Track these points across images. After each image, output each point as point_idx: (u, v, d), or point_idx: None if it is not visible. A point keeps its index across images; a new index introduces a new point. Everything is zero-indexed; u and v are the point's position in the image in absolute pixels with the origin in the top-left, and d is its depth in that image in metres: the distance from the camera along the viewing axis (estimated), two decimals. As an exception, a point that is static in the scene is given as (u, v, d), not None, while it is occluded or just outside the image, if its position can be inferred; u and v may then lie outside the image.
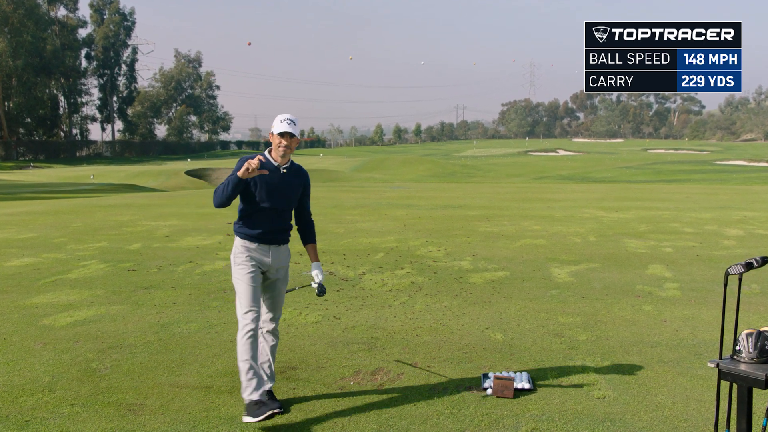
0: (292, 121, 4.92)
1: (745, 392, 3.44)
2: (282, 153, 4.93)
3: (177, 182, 54.08)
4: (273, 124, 4.95)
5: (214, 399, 5.27)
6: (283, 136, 4.90)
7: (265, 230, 5.00)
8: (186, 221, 17.73)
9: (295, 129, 4.91)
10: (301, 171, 5.16)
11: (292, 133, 4.90)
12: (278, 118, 4.94)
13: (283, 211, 5.06)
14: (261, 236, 5.00)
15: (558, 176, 61.56)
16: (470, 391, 5.45)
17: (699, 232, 15.20)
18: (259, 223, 4.99)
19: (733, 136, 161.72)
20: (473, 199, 26.22)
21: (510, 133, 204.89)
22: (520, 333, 7.10)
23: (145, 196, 31.23)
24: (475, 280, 9.82)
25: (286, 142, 4.90)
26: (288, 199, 5.06)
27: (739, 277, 3.53)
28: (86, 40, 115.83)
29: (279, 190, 4.98)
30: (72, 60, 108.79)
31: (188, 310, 8.11)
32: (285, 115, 4.94)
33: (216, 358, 6.29)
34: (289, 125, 4.89)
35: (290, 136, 4.91)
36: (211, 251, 12.47)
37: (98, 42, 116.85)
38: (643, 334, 7.08)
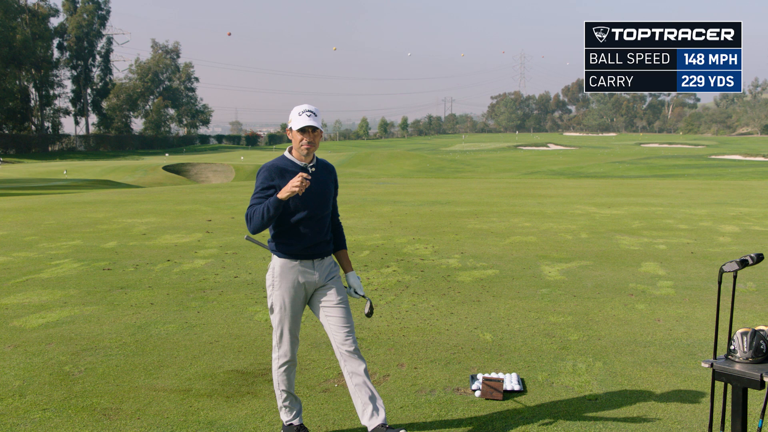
0: (313, 112, 4.36)
1: (740, 393, 3.46)
2: (306, 151, 4.39)
3: (154, 178, 53.84)
4: (290, 119, 4.39)
5: (193, 402, 5.25)
6: (305, 132, 4.35)
7: (306, 243, 4.44)
8: (164, 218, 17.65)
9: (317, 120, 4.36)
10: (328, 166, 4.63)
11: (314, 126, 4.35)
12: (295, 110, 4.39)
13: (323, 218, 4.52)
14: (303, 251, 4.45)
15: (549, 171, 61.78)
16: (458, 393, 5.46)
17: (693, 229, 15.30)
18: (300, 236, 4.43)
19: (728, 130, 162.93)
20: (462, 195, 26.27)
21: (499, 127, 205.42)
22: (509, 333, 7.12)
23: (121, 193, 31.04)
24: (463, 279, 9.84)
25: (308, 138, 4.36)
26: (325, 201, 4.51)
27: (734, 274, 3.55)
28: (58, 30, 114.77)
29: (314, 193, 4.42)
30: (43, 50, 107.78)
31: (166, 310, 8.07)
32: (303, 107, 4.38)
33: (195, 360, 6.27)
34: (309, 117, 4.33)
35: (313, 130, 4.37)
36: (190, 249, 12.42)
37: (71, 31, 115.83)
38: (636, 333, 7.12)
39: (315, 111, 4.38)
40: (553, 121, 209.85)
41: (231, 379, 5.76)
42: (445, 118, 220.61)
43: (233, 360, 6.27)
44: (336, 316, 4.51)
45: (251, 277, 9.92)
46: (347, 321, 4.52)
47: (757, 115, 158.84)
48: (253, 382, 5.70)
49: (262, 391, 5.50)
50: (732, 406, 3.50)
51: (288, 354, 4.54)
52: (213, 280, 9.75)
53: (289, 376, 4.60)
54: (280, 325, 4.52)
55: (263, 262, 11.15)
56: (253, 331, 7.17)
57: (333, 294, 4.54)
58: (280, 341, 4.54)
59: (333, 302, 4.53)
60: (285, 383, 4.59)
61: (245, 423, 4.88)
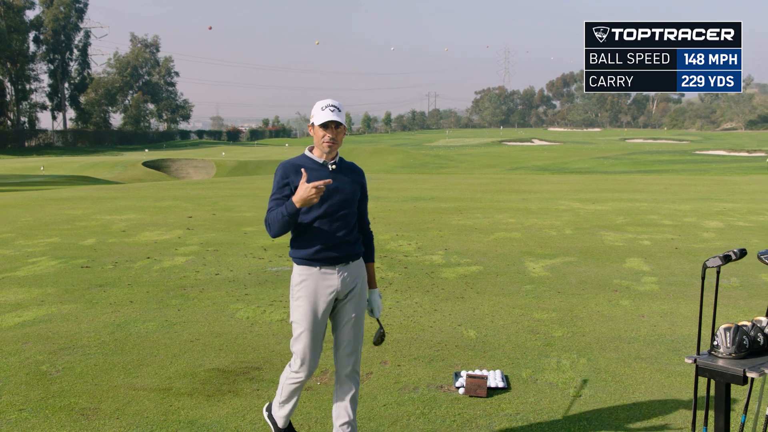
0: (336, 107, 4.15)
1: (722, 388, 3.49)
2: (328, 148, 4.16)
3: (134, 174, 53.52)
4: (312, 114, 4.18)
5: (173, 402, 5.23)
6: (328, 128, 4.12)
7: (325, 246, 4.17)
8: (143, 215, 17.56)
9: (340, 116, 4.14)
10: (355, 168, 4.36)
11: (338, 121, 4.12)
12: (317, 105, 4.17)
13: (344, 218, 4.21)
14: (323, 255, 4.18)
15: (533, 167, 61.99)
16: (442, 391, 5.47)
17: (678, 225, 15.42)
18: (317, 239, 4.17)
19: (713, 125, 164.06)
20: (445, 190, 26.31)
21: (484, 122, 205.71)
22: (493, 330, 7.15)
23: (100, 189, 30.83)
24: (447, 275, 9.86)
25: (331, 134, 4.12)
26: (347, 200, 4.21)
27: (717, 270, 3.58)
28: (34, 23, 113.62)
29: (332, 191, 4.16)
30: (19, 43, 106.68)
31: (146, 308, 8.03)
32: (326, 101, 4.17)
33: (175, 358, 6.24)
34: (333, 112, 4.11)
35: (336, 126, 4.14)
36: (170, 246, 12.37)
37: (47, 24, 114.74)
38: (620, 329, 7.17)
39: (339, 106, 4.17)
40: (537, 116, 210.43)
41: (212, 378, 5.74)
42: (429, 113, 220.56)
43: (214, 358, 6.25)
44: (349, 332, 4.30)
45: (232, 275, 9.88)
46: (359, 339, 4.33)
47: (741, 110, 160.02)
48: (234, 380, 5.69)
49: (243, 389, 5.48)
50: (715, 401, 3.53)
51: (303, 375, 4.26)
52: (194, 278, 9.71)
53: (294, 392, 4.38)
54: (299, 341, 4.23)
55: (245, 259, 11.13)
56: (235, 329, 7.15)
57: (351, 309, 4.29)
58: (298, 359, 4.24)
59: (349, 317, 4.29)
60: (289, 394, 4.39)
61: (226, 422, 4.87)
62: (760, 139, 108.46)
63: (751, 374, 3.38)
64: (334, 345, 4.34)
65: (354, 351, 4.31)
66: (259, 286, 9.15)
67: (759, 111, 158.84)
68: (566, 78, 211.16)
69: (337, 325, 4.33)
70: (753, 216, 17.24)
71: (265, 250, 12.01)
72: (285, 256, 11.36)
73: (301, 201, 3.93)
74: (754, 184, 31.17)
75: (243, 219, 16.70)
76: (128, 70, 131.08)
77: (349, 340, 4.30)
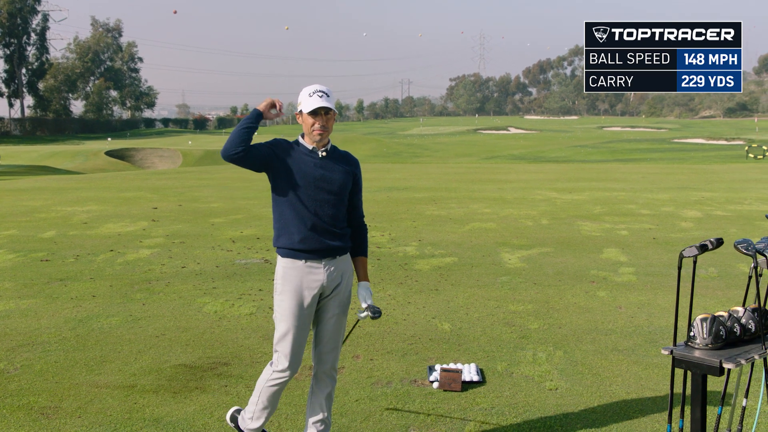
0: (324, 92, 4.08)
1: (699, 380, 3.53)
2: (318, 137, 4.09)
3: (96, 164, 52.95)
4: (300, 101, 4.10)
5: (138, 399, 5.20)
6: (317, 115, 4.06)
7: (309, 236, 4.09)
8: (106, 206, 17.39)
9: (330, 101, 4.07)
10: (349, 158, 4.30)
11: (327, 107, 4.06)
12: (305, 91, 4.11)
13: (331, 209, 4.13)
14: (307, 246, 4.09)
15: (509, 156, 62.28)
16: (415, 385, 5.49)
17: (655, 214, 15.60)
18: (302, 228, 4.09)
19: (691, 113, 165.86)
20: (419, 180, 26.35)
21: (458, 110, 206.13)
22: (468, 322, 7.19)
23: (60, 179, 30.48)
24: (421, 267, 9.89)
25: (321, 122, 4.06)
26: (333, 189, 4.13)
27: (694, 259, 3.63)
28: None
29: (319, 178, 4.10)
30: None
31: (109, 303, 7.97)
32: (313, 87, 4.10)
33: (140, 354, 6.20)
34: (322, 98, 4.04)
35: (326, 112, 4.07)
36: (135, 239, 12.27)
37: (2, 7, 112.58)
38: (597, 321, 7.24)
39: (327, 91, 4.11)
40: (513, 104, 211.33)
41: (178, 374, 5.71)
42: (403, 101, 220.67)
43: (180, 354, 6.21)
44: (329, 330, 4.23)
45: (199, 267, 9.83)
46: (338, 336, 4.26)
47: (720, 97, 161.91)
48: (201, 376, 5.66)
49: (211, 386, 5.46)
50: (691, 393, 3.57)
51: (287, 372, 4.17)
52: (159, 271, 9.64)
53: (276, 394, 4.27)
54: (284, 339, 4.13)
55: (212, 251, 11.07)
56: (202, 324, 7.11)
57: (335, 305, 4.22)
58: (282, 357, 4.15)
59: (331, 313, 4.22)
60: (268, 398, 4.27)
61: (193, 419, 4.85)
62: (739, 127, 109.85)
63: (727, 365, 3.42)
64: (313, 340, 4.29)
65: (334, 348, 4.26)
66: (227, 279, 9.11)
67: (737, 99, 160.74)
68: (543, 65, 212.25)
69: (319, 321, 4.25)
70: (731, 205, 17.49)
71: (234, 242, 11.95)
72: (254, 248, 11.31)
73: (265, 103, 4.09)
74: (733, 172, 31.61)
75: (210, 210, 16.60)
76: (89, 56, 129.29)
77: (329, 337, 4.23)
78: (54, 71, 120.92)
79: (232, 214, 15.70)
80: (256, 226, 13.76)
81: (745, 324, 3.72)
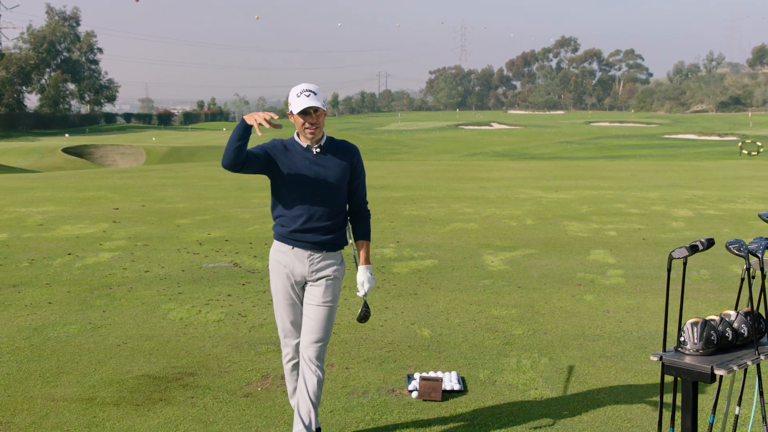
0: (312, 91, 4.35)
1: (690, 387, 3.56)
2: (311, 135, 4.39)
3: (53, 161, 52.52)
4: (289, 102, 4.39)
5: (97, 413, 5.16)
6: (307, 114, 4.34)
7: (298, 229, 4.43)
8: (63, 207, 17.24)
9: (317, 100, 4.33)
10: (346, 147, 4.59)
11: (316, 106, 4.31)
12: (293, 92, 4.38)
13: (325, 204, 4.46)
14: (295, 237, 4.44)
15: (492, 152, 62.51)
16: (393, 395, 5.50)
17: (645, 214, 15.73)
18: (292, 220, 4.45)
19: (682, 107, 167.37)
20: (398, 178, 26.38)
21: (439, 105, 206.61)
22: (449, 328, 7.20)
23: (14, 178, 30.18)
24: (399, 270, 9.90)
25: (311, 120, 4.35)
26: (326, 185, 4.44)
27: (684, 261, 3.65)
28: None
29: (312, 175, 4.41)
30: None
31: (66, 310, 7.90)
32: (300, 86, 4.38)
33: (99, 365, 6.15)
34: (309, 97, 4.31)
35: (315, 111, 4.34)
36: (94, 241, 12.18)
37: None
38: (584, 326, 7.29)
39: (314, 90, 4.39)
40: (496, 98, 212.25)
41: (141, 386, 5.67)
42: (380, 95, 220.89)
43: (144, 364, 6.18)
44: (311, 318, 4.46)
45: (164, 272, 9.78)
46: (320, 327, 4.45)
47: (712, 91, 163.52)
48: (166, 387, 5.63)
49: (176, 397, 5.43)
50: (682, 401, 3.59)
51: (289, 349, 4.65)
52: (121, 276, 9.58)
53: (294, 375, 4.71)
54: (276, 315, 4.65)
55: (178, 254, 11.01)
56: (167, 332, 7.07)
57: (319, 293, 4.48)
58: (279, 333, 4.68)
59: (315, 302, 4.47)
60: (288, 380, 4.78)
61: (157, 434, 4.82)
62: (732, 121, 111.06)
63: (719, 371, 3.45)
64: (301, 331, 4.53)
65: (317, 340, 4.44)
66: (194, 284, 9.07)
67: (731, 92, 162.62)
68: (527, 57, 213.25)
69: (307, 307, 4.52)
70: (724, 204, 17.68)
71: (201, 244, 11.90)
72: (222, 250, 11.27)
73: (250, 116, 4.18)
74: (726, 169, 31.93)
75: (176, 210, 16.51)
76: (44, 46, 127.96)
77: (311, 325, 4.46)
78: (6, 62, 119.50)
79: (198, 215, 15.63)
80: (224, 228, 13.72)
81: (738, 328, 3.75)
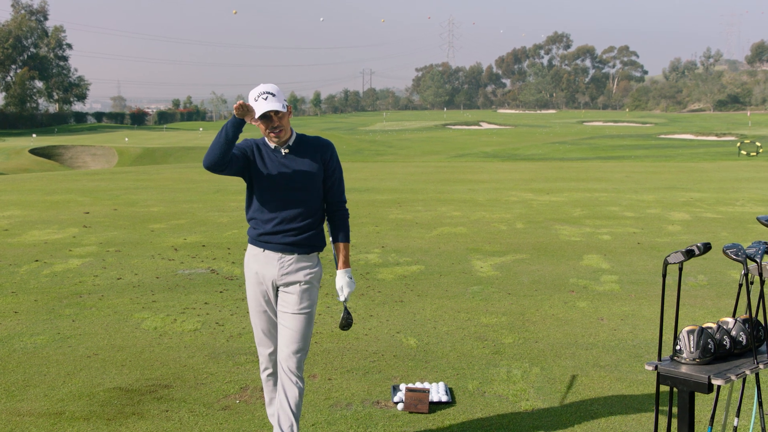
0: (270, 92, 4.28)
1: (686, 397, 3.57)
2: (276, 139, 4.37)
3: (19, 163, 52.12)
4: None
5: (66, 428, 5.13)
6: (268, 120, 4.32)
7: (268, 231, 4.42)
8: (30, 211, 17.14)
9: (277, 101, 4.27)
10: (318, 144, 4.53)
11: (276, 109, 4.26)
12: (251, 95, 4.33)
13: (296, 205, 4.43)
14: (264, 239, 4.44)
15: (481, 153, 62.59)
16: (378, 407, 5.50)
17: (640, 217, 15.79)
18: (264, 223, 4.45)
19: (678, 106, 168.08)
20: (383, 181, 26.38)
21: (425, 103, 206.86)
22: (436, 337, 7.21)
23: (-22, 181, 29.95)
24: (384, 276, 9.90)
25: (274, 124, 4.32)
26: (299, 186, 4.42)
27: (680, 266, 3.67)
28: None
29: (281, 175, 4.38)
30: None
31: (34, 320, 7.86)
32: (258, 89, 4.32)
33: (69, 377, 6.12)
34: (267, 100, 4.25)
35: (276, 114, 4.29)
36: (63, 247, 12.11)
37: None
38: (577, 334, 7.31)
39: (273, 91, 4.31)
40: (485, 96, 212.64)
41: (112, 399, 5.65)
42: (364, 93, 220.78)
43: (115, 376, 6.15)
44: (288, 328, 4.41)
45: (137, 279, 9.74)
46: (298, 336, 4.40)
47: (710, 89, 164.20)
48: (139, 401, 5.61)
49: (149, 411, 5.41)
50: (678, 412, 3.61)
51: (261, 357, 4.67)
52: (91, 283, 9.53)
53: (269, 382, 4.72)
54: (252, 324, 4.65)
55: (152, 261, 10.97)
56: (140, 342, 7.04)
57: (294, 300, 4.43)
58: (258, 346, 4.66)
59: (291, 310, 4.42)
60: (266, 391, 4.78)
61: (130, 449, 4.80)
62: (730, 121, 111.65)
63: (716, 381, 3.47)
64: (278, 341, 4.49)
65: (296, 351, 4.39)
66: (169, 292, 9.04)
67: (729, 90, 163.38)
68: (517, 53, 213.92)
69: (282, 315, 4.47)
70: (722, 206, 17.78)
71: (176, 250, 11.86)
72: (199, 256, 11.24)
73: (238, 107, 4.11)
74: (724, 171, 32.10)
75: (149, 215, 16.45)
76: (10, 41, 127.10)
77: (288, 335, 4.41)
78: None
79: (173, 219, 15.57)
80: (200, 233, 13.67)
81: (736, 336, 3.77)
